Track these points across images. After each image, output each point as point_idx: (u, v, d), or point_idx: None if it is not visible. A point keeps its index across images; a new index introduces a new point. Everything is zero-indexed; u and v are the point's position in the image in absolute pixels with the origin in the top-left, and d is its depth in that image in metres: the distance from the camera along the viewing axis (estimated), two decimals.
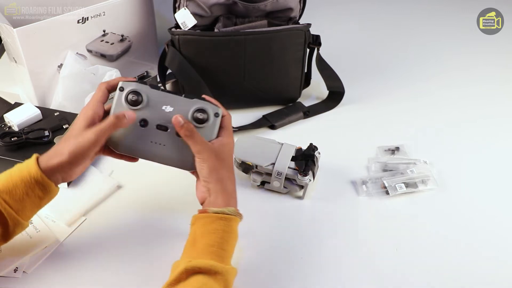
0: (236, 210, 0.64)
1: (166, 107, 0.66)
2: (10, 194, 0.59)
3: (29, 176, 0.60)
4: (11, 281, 0.66)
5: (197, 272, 0.56)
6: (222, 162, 0.65)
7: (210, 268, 0.56)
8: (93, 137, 0.61)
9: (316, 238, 0.75)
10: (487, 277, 0.70)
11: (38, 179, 0.60)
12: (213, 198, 0.64)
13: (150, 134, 0.66)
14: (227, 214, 0.62)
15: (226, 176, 0.65)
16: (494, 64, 1.23)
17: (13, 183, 0.59)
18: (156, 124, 0.66)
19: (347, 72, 1.07)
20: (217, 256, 0.58)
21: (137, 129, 0.66)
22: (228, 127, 0.68)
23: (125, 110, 0.65)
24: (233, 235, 0.62)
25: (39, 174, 0.59)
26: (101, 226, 0.75)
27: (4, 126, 0.85)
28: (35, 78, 0.92)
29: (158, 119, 0.66)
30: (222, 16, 0.94)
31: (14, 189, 0.59)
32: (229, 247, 0.61)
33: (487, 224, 0.79)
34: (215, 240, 0.60)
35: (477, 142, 0.96)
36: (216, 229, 0.60)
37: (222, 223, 0.61)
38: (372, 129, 0.99)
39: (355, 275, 0.70)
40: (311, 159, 0.79)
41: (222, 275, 0.56)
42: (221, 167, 0.65)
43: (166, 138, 0.66)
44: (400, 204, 0.81)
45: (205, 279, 0.55)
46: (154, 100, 0.66)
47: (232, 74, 0.95)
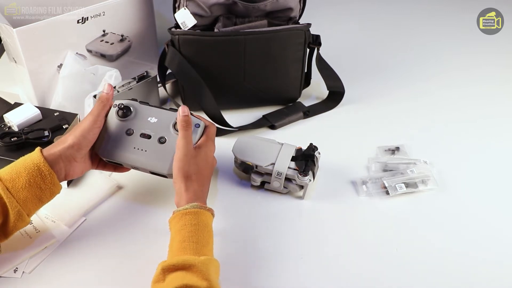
0: (199, 204, 0.64)
1: (151, 118, 0.74)
2: (13, 182, 0.62)
3: (32, 163, 0.63)
4: (11, 281, 0.66)
5: (173, 270, 0.57)
6: (193, 164, 0.68)
7: (184, 262, 0.57)
8: (91, 118, 0.69)
9: (316, 238, 0.75)
10: (487, 277, 0.70)
11: (41, 166, 0.63)
12: (177, 198, 0.67)
13: (134, 141, 0.72)
14: (190, 209, 0.63)
15: (195, 177, 0.67)
16: (494, 64, 1.23)
17: (16, 172, 0.62)
18: (141, 133, 0.73)
19: (347, 72, 1.07)
20: (190, 249, 0.60)
21: (123, 137, 0.73)
22: (209, 135, 0.73)
23: (115, 122, 0.73)
24: (202, 227, 0.63)
25: (42, 160, 0.63)
26: (101, 226, 0.75)
27: (4, 126, 0.85)
28: (35, 78, 0.92)
29: (143, 128, 0.73)
30: (222, 16, 0.94)
31: (17, 177, 0.62)
32: (202, 239, 0.62)
33: (487, 224, 0.79)
34: (185, 235, 0.61)
35: (477, 142, 0.96)
36: (184, 225, 0.62)
37: (188, 217, 0.63)
38: (372, 129, 0.99)
39: (355, 275, 0.70)
40: (311, 159, 0.79)
41: (197, 267, 0.57)
42: (190, 168, 0.67)
43: (148, 144, 0.72)
44: (400, 204, 0.81)
45: (182, 274, 0.56)
46: (141, 113, 0.74)
47: (232, 74, 0.95)
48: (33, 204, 0.64)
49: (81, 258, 0.70)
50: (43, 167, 0.63)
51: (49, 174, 0.64)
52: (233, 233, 0.75)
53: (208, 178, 0.71)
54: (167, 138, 0.72)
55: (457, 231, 0.77)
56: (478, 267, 0.72)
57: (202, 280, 0.56)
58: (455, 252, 0.74)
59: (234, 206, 0.80)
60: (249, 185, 0.83)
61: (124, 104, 0.73)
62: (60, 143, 0.67)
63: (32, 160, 0.63)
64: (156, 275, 0.58)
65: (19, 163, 0.63)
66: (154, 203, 0.79)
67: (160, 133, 0.72)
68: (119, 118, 0.73)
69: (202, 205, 0.65)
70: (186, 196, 0.65)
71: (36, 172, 0.63)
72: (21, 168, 0.63)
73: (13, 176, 0.62)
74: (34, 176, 0.63)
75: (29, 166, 0.63)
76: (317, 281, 0.69)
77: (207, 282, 0.56)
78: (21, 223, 0.63)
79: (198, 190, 0.67)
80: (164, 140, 0.72)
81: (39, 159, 0.63)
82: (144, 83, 0.93)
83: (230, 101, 0.99)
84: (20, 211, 0.62)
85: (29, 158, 0.64)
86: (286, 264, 0.71)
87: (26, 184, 0.62)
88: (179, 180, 0.67)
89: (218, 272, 0.61)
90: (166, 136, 0.72)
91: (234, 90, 0.97)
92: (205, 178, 0.70)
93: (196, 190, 0.67)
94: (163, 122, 0.73)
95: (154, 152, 0.71)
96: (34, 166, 0.63)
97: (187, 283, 0.55)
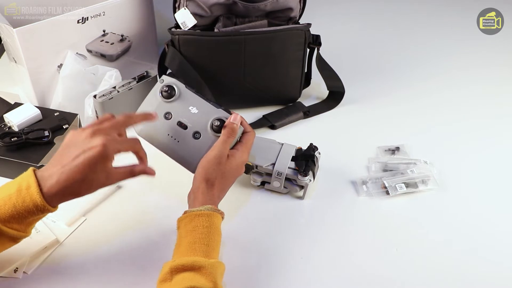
0: (213, 207, 0.64)
1: (192, 108, 0.72)
2: (18, 220, 0.59)
3: (36, 209, 0.58)
4: (11, 281, 0.66)
5: (181, 270, 0.56)
6: (220, 171, 0.66)
7: (193, 263, 0.57)
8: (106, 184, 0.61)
9: (316, 238, 0.75)
10: (487, 276, 0.70)
11: (45, 210, 0.58)
12: (192, 196, 0.66)
13: (170, 127, 0.71)
14: (204, 211, 0.62)
15: (217, 183, 0.66)
16: (494, 64, 1.23)
17: (19, 215, 0.58)
18: (178, 121, 0.71)
19: (347, 72, 1.07)
20: (200, 251, 0.59)
21: (161, 120, 0.71)
22: (248, 144, 0.71)
23: (158, 101, 0.72)
24: (214, 229, 0.62)
25: (46, 206, 0.58)
26: (101, 226, 0.75)
27: (4, 126, 0.85)
28: (35, 78, 0.92)
29: (181, 116, 0.71)
30: (222, 16, 0.94)
31: (20, 219, 0.58)
32: (212, 242, 0.61)
33: (487, 224, 0.79)
34: (196, 236, 0.60)
35: (477, 142, 0.96)
36: (196, 226, 0.61)
37: (202, 219, 0.62)
38: (372, 129, 0.99)
39: (355, 275, 0.70)
40: (311, 159, 0.79)
41: (206, 269, 0.57)
42: (215, 174, 0.66)
43: (183, 135, 0.71)
44: (400, 204, 0.81)
45: (190, 275, 0.56)
46: (184, 98, 0.72)
47: (232, 74, 0.95)
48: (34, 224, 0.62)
49: (81, 258, 0.70)
50: (47, 209, 0.58)
51: (52, 210, 0.59)
52: (233, 233, 0.75)
53: (229, 186, 0.70)
54: (202, 135, 0.71)
55: (457, 231, 0.77)
56: (478, 267, 0.71)
57: (209, 282, 0.56)
58: (455, 252, 0.74)
59: (234, 206, 0.80)
60: (249, 185, 0.83)
61: (169, 85, 0.72)
62: (72, 193, 0.59)
63: (35, 205, 0.57)
64: (163, 274, 0.57)
65: (18, 204, 0.57)
66: (154, 203, 0.79)
67: (196, 127, 0.71)
68: (162, 98, 0.72)
69: (216, 208, 0.64)
70: (203, 199, 0.64)
71: (40, 213, 0.59)
72: (23, 211, 0.57)
73: (15, 216, 0.58)
74: (37, 215, 0.59)
75: (32, 210, 0.58)
76: (317, 281, 0.69)
77: (213, 284, 0.56)
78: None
79: (216, 196, 0.66)
80: (198, 136, 0.71)
81: (42, 205, 0.57)
82: (144, 83, 0.93)
83: (230, 101, 0.99)
84: (27, 235, 0.62)
85: (30, 201, 0.57)
86: (286, 264, 0.71)
87: (31, 221, 0.60)
88: (199, 181, 0.65)
89: (223, 275, 0.61)
90: (202, 133, 0.71)
91: (234, 90, 0.97)
92: (227, 186, 0.69)
93: (213, 196, 0.66)
94: (203, 115, 0.71)
95: (186, 146, 0.70)
96: (37, 211, 0.58)
97: (195, 285, 0.54)
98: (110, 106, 0.89)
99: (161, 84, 0.72)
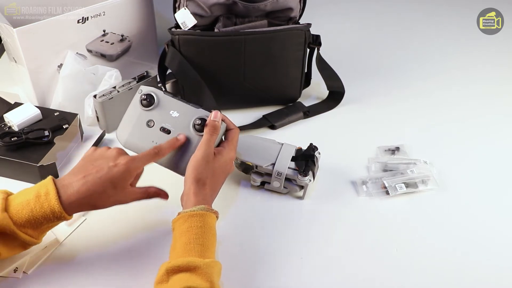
0: (206, 207, 0.64)
1: (173, 112, 0.72)
2: (34, 226, 0.61)
3: (53, 216, 0.61)
4: (11, 281, 0.66)
5: (177, 271, 0.57)
6: (209, 169, 0.67)
7: (189, 264, 0.57)
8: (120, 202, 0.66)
9: (316, 238, 0.75)
10: (487, 277, 0.70)
11: (61, 217, 0.61)
12: (185, 198, 0.66)
13: (154, 134, 0.72)
14: (197, 211, 0.63)
15: (208, 182, 0.66)
16: (494, 64, 1.23)
17: (35, 220, 0.60)
18: (161, 126, 0.72)
19: (347, 72, 1.07)
20: (195, 252, 0.59)
21: (144, 128, 0.72)
22: (233, 141, 0.72)
23: (139, 110, 0.72)
24: (208, 229, 0.62)
25: (63, 214, 0.61)
26: (101, 226, 0.75)
27: (4, 126, 0.85)
28: (35, 78, 0.92)
29: (163, 121, 0.72)
30: (222, 16, 0.94)
31: (36, 224, 0.61)
32: (207, 241, 0.61)
33: (487, 224, 0.79)
34: (190, 237, 0.60)
35: (477, 142, 0.96)
36: (190, 227, 0.61)
37: (195, 219, 0.62)
38: (372, 129, 0.99)
39: (355, 275, 0.70)
40: (311, 159, 0.79)
41: (202, 269, 0.57)
42: (204, 173, 0.66)
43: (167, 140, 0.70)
44: (400, 204, 0.81)
45: (186, 276, 0.56)
46: (164, 104, 0.72)
47: (232, 74, 0.95)
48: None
49: (81, 258, 0.70)
50: (63, 217, 0.61)
51: (68, 217, 0.62)
52: (233, 233, 0.75)
53: (220, 184, 0.70)
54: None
55: (457, 231, 0.77)
56: (478, 267, 0.72)
57: (205, 282, 0.56)
58: (455, 252, 0.74)
59: (234, 206, 0.80)
60: (249, 185, 0.83)
61: (148, 93, 0.72)
62: (88, 204, 0.63)
63: (52, 213, 0.60)
64: (160, 276, 0.58)
65: (36, 211, 0.59)
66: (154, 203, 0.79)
67: (179, 129, 0.71)
68: (142, 108, 0.72)
69: (209, 208, 0.64)
70: (195, 199, 0.64)
71: (57, 220, 0.61)
72: (41, 218, 0.60)
73: (32, 223, 0.60)
74: (53, 221, 0.61)
75: (49, 217, 0.60)
76: (317, 281, 0.69)
77: (210, 284, 0.56)
78: None
79: (208, 195, 0.66)
80: None
81: (60, 213, 0.60)
82: (144, 83, 0.93)
83: (230, 101, 0.99)
84: (38, 242, 0.63)
85: (49, 209, 0.60)
86: (286, 264, 0.71)
87: (45, 228, 0.62)
88: (190, 182, 0.66)
89: (219, 275, 0.61)
90: (186, 135, 0.71)
91: (234, 90, 0.97)
92: (218, 184, 0.69)
93: (206, 195, 0.66)
94: (184, 117, 0.72)
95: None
96: (54, 218, 0.61)
97: (191, 285, 0.54)
98: (110, 106, 0.89)
99: (139, 94, 0.73)
